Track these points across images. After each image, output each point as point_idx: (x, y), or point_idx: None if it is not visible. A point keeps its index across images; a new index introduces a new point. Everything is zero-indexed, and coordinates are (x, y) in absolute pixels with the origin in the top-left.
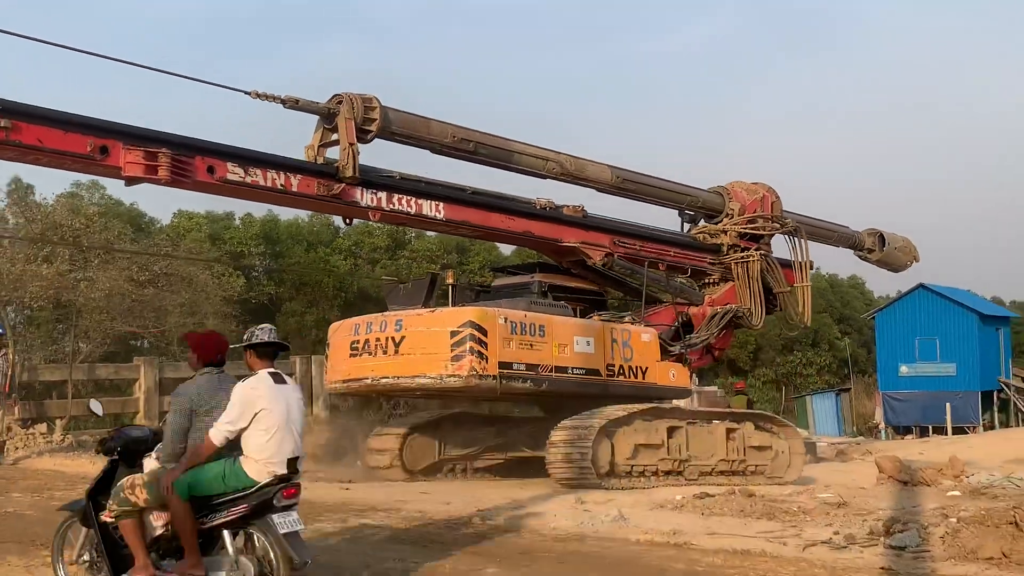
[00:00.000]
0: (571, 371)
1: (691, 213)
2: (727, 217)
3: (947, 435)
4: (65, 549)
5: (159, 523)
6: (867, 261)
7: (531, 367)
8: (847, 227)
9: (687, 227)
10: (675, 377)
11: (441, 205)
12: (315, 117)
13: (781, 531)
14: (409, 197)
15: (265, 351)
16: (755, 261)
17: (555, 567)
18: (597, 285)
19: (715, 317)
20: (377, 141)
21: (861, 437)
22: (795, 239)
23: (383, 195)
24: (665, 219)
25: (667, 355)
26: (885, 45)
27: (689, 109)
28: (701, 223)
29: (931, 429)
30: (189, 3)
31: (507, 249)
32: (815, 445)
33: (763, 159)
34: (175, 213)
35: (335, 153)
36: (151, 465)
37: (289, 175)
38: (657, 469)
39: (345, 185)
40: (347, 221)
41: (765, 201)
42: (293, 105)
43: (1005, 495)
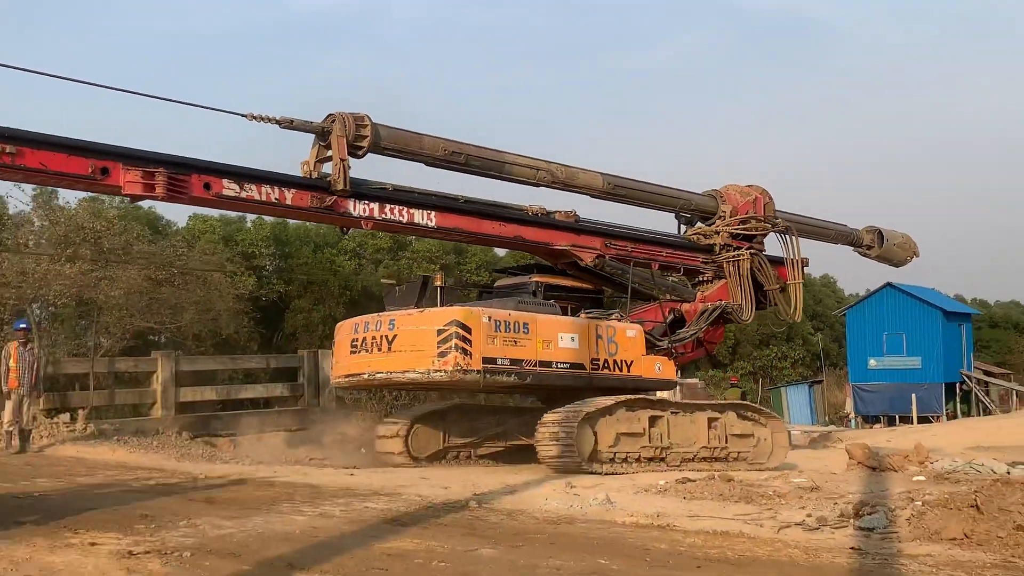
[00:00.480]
0: (555, 365)
1: (686, 216)
2: (720, 219)
3: (913, 424)
4: None
5: None
6: (867, 257)
7: (515, 362)
8: (845, 225)
9: (683, 229)
10: (661, 370)
11: (432, 213)
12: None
13: (758, 514)
14: (401, 207)
15: None
16: (745, 260)
17: (546, 547)
18: (592, 284)
19: (704, 313)
20: (376, 158)
21: (833, 426)
22: (787, 238)
23: (375, 205)
24: (664, 222)
25: (654, 349)
26: (859, 56)
27: (673, 118)
28: (697, 225)
29: (898, 418)
30: (199, 20)
31: (502, 250)
32: (790, 434)
33: (743, 165)
34: (190, 216)
35: (330, 168)
36: None
37: (283, 189)
38: (640, 456)
39: (337, 197)
40: (343, 230)
41: (758, 203)
42: (288, 125)
43: (967, 480)
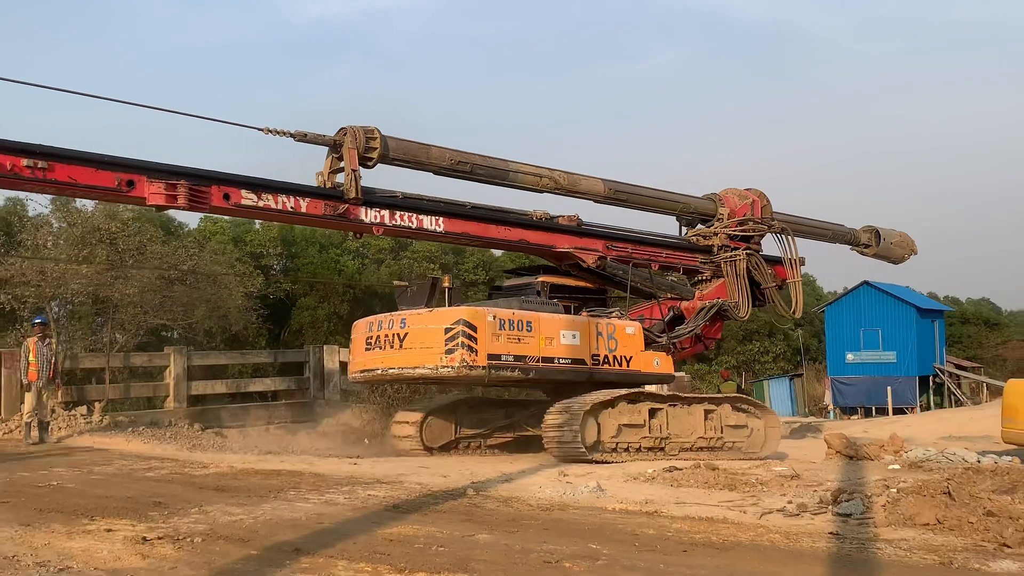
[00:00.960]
0: (557, 361)
1: (687, 218)
2: (718, 221)
3: (888, 415)
4: None
5: None
6: (864, 255)
7: (519, 358)
8: (842, 225)
9: (684, 230)
10: (659, 365)
11: (440, 219)
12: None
13: (741, 500)
14: (410, 213)
15: None
16: (741, 260)
17: (540, 533)
18: (595, 284)
19: (703, 311)
20: (386, 167)
21: (812, 417)
22: (783, 239)
23: (385, 212)
24: (664, 224)
25: (653, 345)
26: (834, 67)
27: (661, 124)
28: (697, 227)
29: (874, 410)
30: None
31: (499, 251)
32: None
33: (727, 169)
34: (201, 218)
35: (343, 178)
36: None
37: (299, 198)
38: (640, 445)
39: (349, 206)
40: (356, 236)
41: (755, 205)
42: (302, 139)
43: (939, 468)
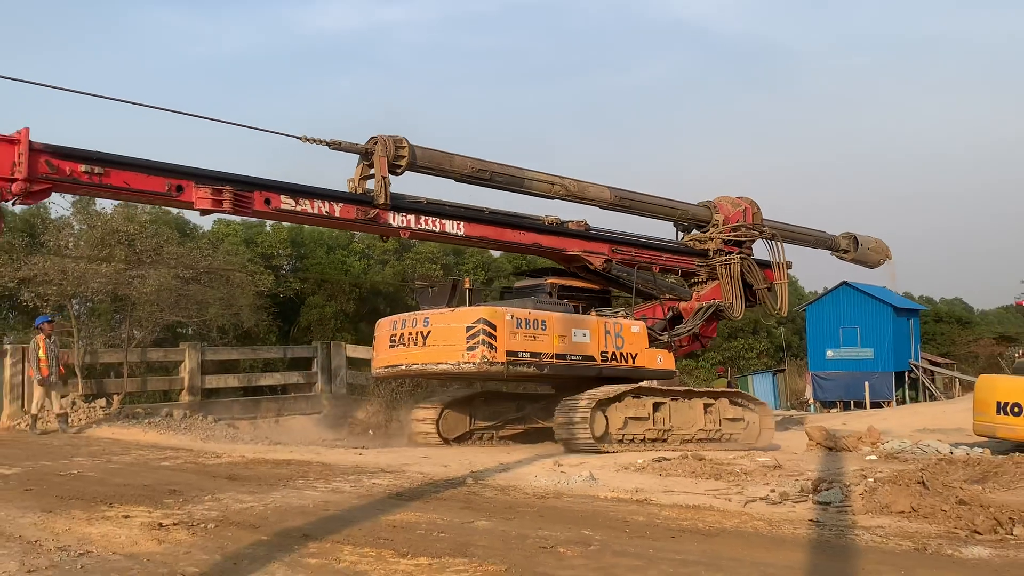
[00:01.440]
0: (569, 357)
1: (684, 224)
2: (713, 227)
3: (866, 409)
4: None
5: None
6: (843, 260)
7: (534, 355)
8: (824, 231)
9: (681, 235)
10: (662, 361)
11: (461, 224)
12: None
13: (726, 489)
14: (434, 218)
15: None
16: (736, 263)
17: (536, 519)
18: (600, 285)
19: (700, 311)
20: (409, 173)
21: (794, 411)
22: (773, 244)
23: (411, 217)
24: (661, 230)
25: (655, 343)
26: (815, 79)
27: (649, 132)
28: (693, 232)
29: (853, 404)
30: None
31: (497, 252)
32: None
33: (713, 174)
34: (215, 220)
35: (372, 184)
36: None
37: (332, 203)
38: (645, 437)
39: (379, 210)
40: (383, 239)
41: (747, 212)
42: (336, 147)
43: (914, 459)
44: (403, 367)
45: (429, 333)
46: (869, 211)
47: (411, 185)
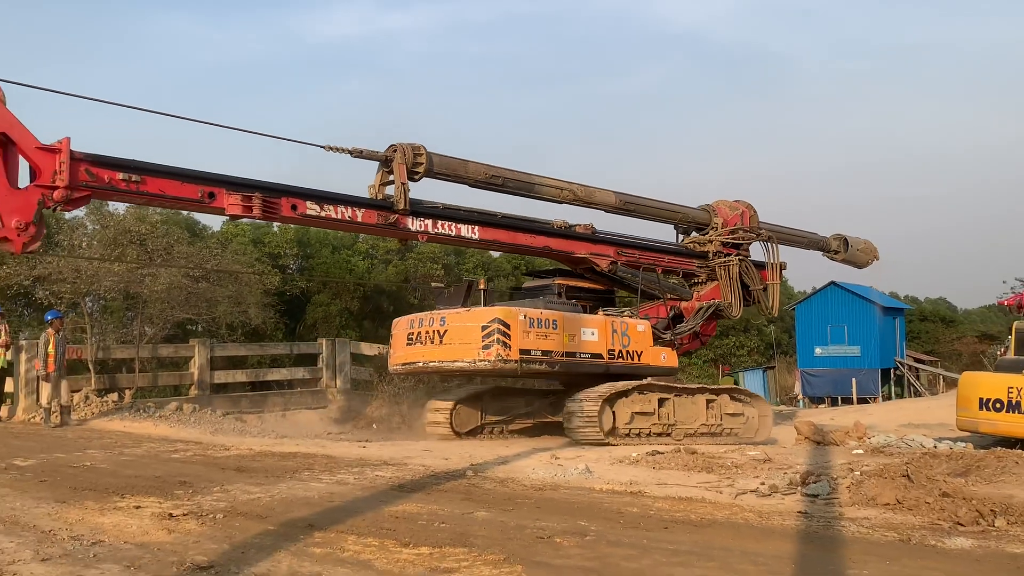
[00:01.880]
0: (579, 355)
1: (684, 227)
2: (712, 230)
3: (853, 404)
4: None
5: None
6: (834, 260)
7: (546, 353)
8: (816, 233)
9: (681, 238)
10: (665, 359)
11: (476, 228)
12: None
13: (717, 482)
14: (450, 222)
15: None
16: (734, 265)
17: (533, 511)
18: (606, 286)
19: (700, 310)
20: (422, 179)
21: (784, 406)
22: (768, 246)
23: (429, 222)
24: (664, 233)
25: (659, 341)
26: (807, 84)
27: (645, 136)
28: (692, 235)
29: (840, 399)
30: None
31: (496, 253)
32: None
33: (707, 181)
34: (224, 221)
35: (391, 190)
36: None
37: (355, 209)
38: (650, 431)
39: (399, 215)
40: (402, 243)
41: (744, 216)
42: (358, 155)
43: (899, 453)
44: (420, 364)
45: (445, 332)
46: (854, 214)
47: (419, 190)
